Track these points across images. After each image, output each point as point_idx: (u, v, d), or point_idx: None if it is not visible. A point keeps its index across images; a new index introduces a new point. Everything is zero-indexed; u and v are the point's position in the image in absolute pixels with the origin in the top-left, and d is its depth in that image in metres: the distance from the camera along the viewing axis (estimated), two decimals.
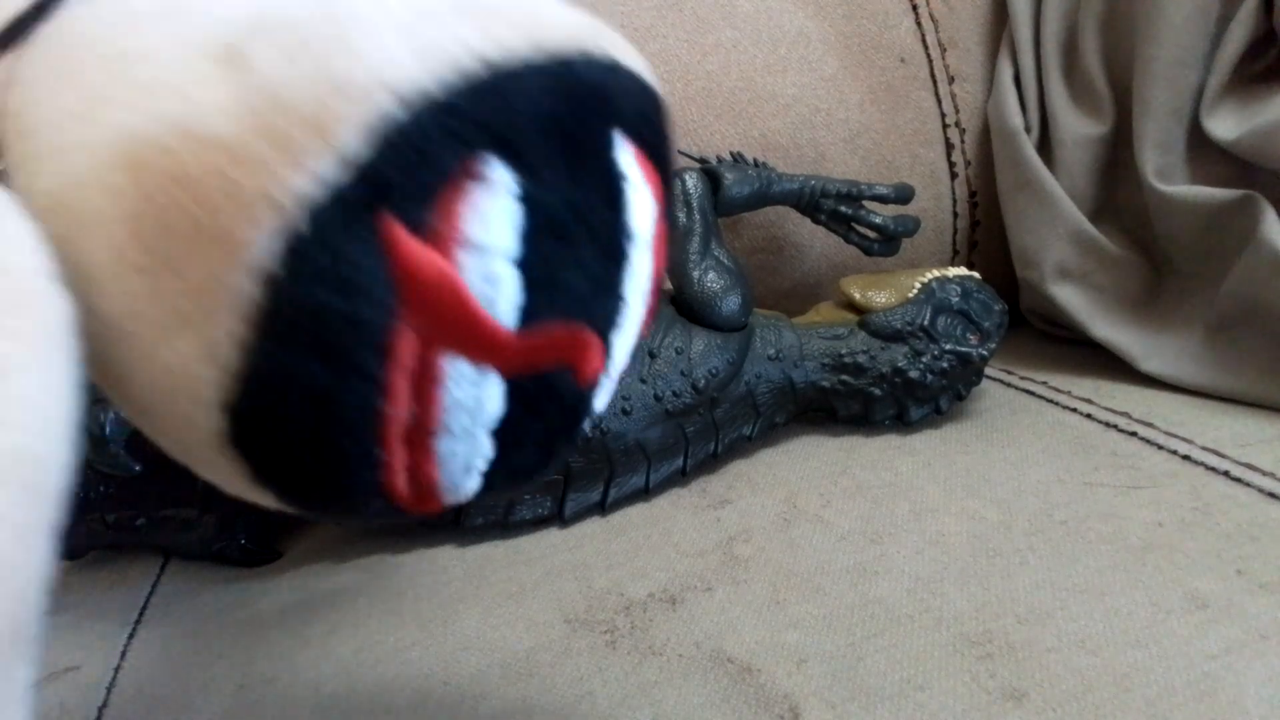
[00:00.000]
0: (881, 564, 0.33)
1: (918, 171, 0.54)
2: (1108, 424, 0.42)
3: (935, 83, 0.55)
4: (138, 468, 0.37)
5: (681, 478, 0.42)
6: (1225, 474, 0.36)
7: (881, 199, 0.48)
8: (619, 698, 0.28)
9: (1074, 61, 0.52)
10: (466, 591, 0.36)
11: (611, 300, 0.17)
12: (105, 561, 0.42)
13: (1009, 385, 0.49)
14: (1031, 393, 0.47)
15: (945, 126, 0.55)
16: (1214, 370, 0.43)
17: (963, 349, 0.43)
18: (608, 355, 0.17)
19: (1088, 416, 0.43)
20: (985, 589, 0.31)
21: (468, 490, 0.16)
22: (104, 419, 0.36)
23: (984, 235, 0.57)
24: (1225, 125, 0.45)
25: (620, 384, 0.39)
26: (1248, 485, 0.35)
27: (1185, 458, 0.38)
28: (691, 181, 0.44)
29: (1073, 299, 0.49)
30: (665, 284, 0.44)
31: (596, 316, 0.16)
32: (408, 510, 0.16)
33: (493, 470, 0.16)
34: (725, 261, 0.43)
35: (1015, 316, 0.49)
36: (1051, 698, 0.26)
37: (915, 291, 0.44)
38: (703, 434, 0.42)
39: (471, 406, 0.15)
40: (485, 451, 0.16)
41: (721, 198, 0.45)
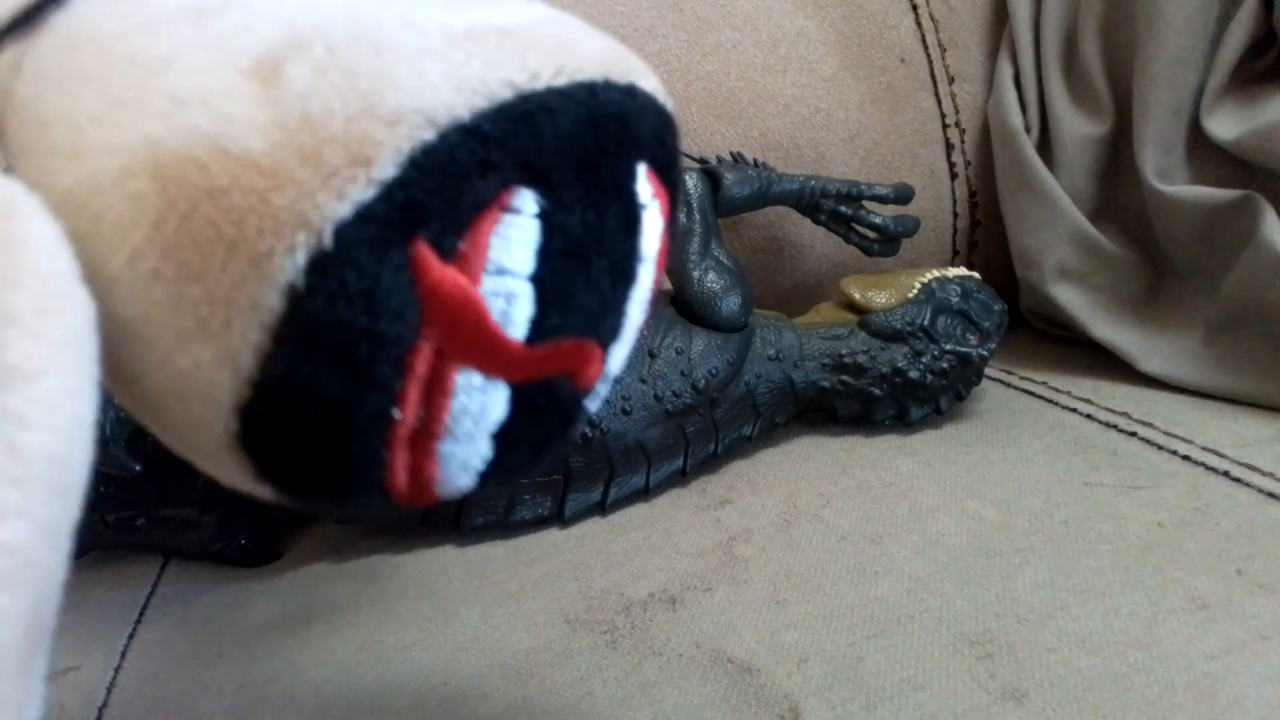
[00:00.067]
0: (882, 564, 0.33)
1: (918, 172, 0.54)
2: (1108, 424, 0.42)
3: (935, 83, 0.55)
4: (138, 468, 0.37)
5: (681, 478, 0.42)
6: (1225, 474, 0.36)
7: (881, 199, 0.48)
8: (619, 698, 0.28)
9: (1074, 62, 0.52)
10: (466, 592, 0.36)
11: (616, 315, 0.17)
12: (105, 561, 0.42)
13: (1009, 385, 0.49)
14: (1031, 393, 0.47)
15: (945, 127, 0.55)
16: (1214, 370, 0.43)
17: (963, 349, 0.43)
18: (606, 363, 0.18)
19: (1088, 416, 0.43)
20: (985, 589, 0.31)
21: (463, 487, 0.17)
22: (104, 419, 0.36)
23: (984, 235, 0.57)
24: (1225, 125, 0.45)
25: (620, 384, 0.40)
26: (1248, 485, 0.35)
27: (1185, 458, 0.38)
28: (691, 182, 0.44)
29: (1073, 299, 0.49)
30: (665, 284, 0.44)
31: (601, 330, 0.17)
32: (401, 503, 0.16)
33: (489, 469, 0.17)
34: (725, 262, 0.43)
35: (1015, 317, 0.49)
36: (1051, 698, 0.26)
37: (915, 292, 0.44)
38: (703, 434, 0.42)
39: (477, 413, 0.15)
40: (485, 453, 0.16)
41: (721, 198, 0.45)
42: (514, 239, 0.15)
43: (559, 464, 0.39)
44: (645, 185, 0.17)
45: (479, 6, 0.15)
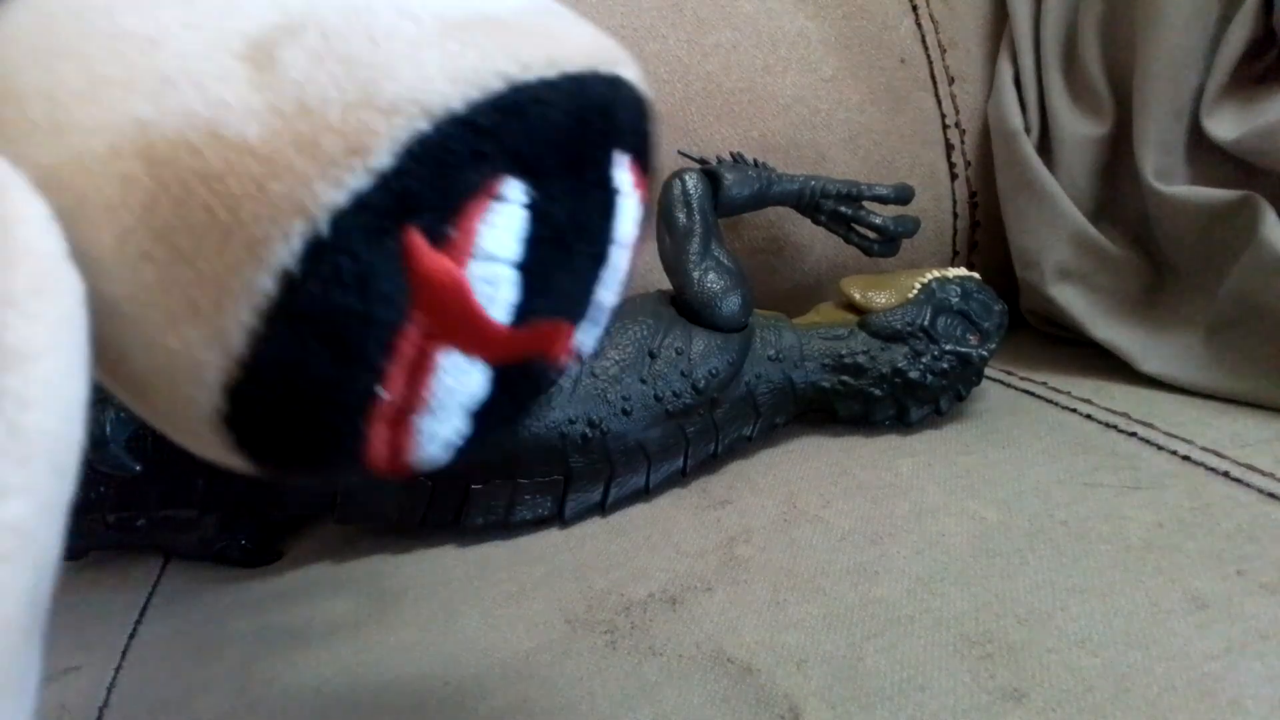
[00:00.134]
0: (882, 564, 0.33)
1: (918, 172, 0.54)
2: (1108, 424, 0.42)
3: (935, 84, 0.55)
4: (138, 468, 0.37)
5: (682, 478, 0.42)
6: (1225, 474, 0.36)
7: (881, 199, 0.48)
8: (619, 698, 0.28)
9: (1074, 62, 0.52)
10: (467, 592, 0.36)
11: (590, 297, 0.18)
12: (105, 562, 0.42)
13: (1009, 386, 0.49)
14: (1032, 393, 0.47)
15: (945, 127, 0.55)
16: (1214, 371, 0.43)
17: (963, 349, 0.43)
18: (577, 342, 0.18)
19: (1088, 417, 0.43)
20: (985, 589, 0.31)
21: (436, 458, 0.17)
22: (104, 420, 0.36)
23: (984, 236, 0.57)
24: (1225, 126, 0.45)
25: (621, 384, 0.40)
26: (1248, 486, 0.35)
27: (1185, 458, 0.38)
28: (692, 182, 0.44)
29: (1073, 299, 0.49)
30: (666, 284, 0.45)
31: (576, 312, 0.18)
32: (375, 474, 0.16)
33: (461, 442, 0.17)
34: (725, 262, 0.43)
35: (1015, 317, 0.49)
36: (1051, 698, 0.26)
37: (915, 292, 0.44)
38: (703, 434, 0.42)
39: (457, 391, 0.16)
40: (460, 428, 0.17)
41: (722, 198, 0.45)
42: (501, 227, 0.15)
43: (559, 464, 0.39)
44: (626, 174, 0.17)
45: None
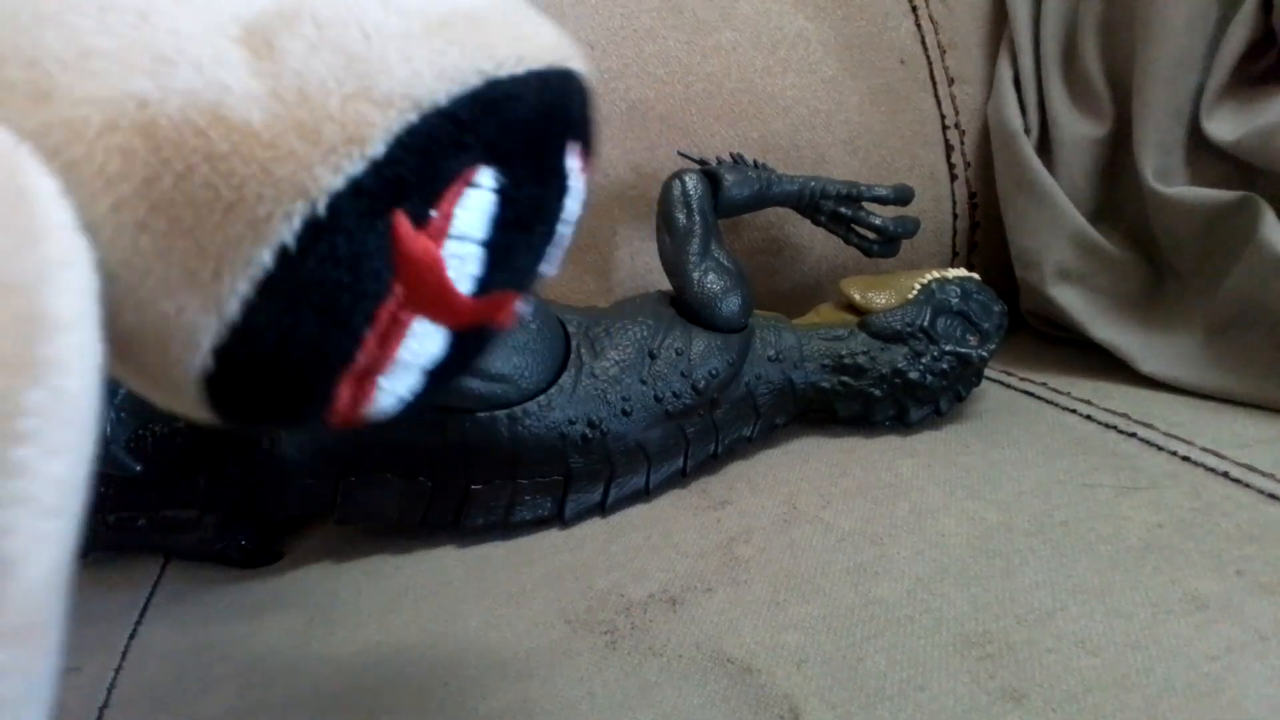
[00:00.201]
0: (882, 565, 0.33)
1: (917, 173, 0.54)
2: (1107, 425, 0.42)
3: (935, 84, 0.55)
4: (138, 468, 0.37)
5: (681, 478, 0.42)
6: (1225, 475, 0.36)
7: (881, 200, 0.48)
8: (619, 698, 0.28)
9: (1074, 63, 0.52)
10: (467, 592, 0.36)
11: (538, 269, 0.20)
12: (106, 562, 0.42)
13: (1009, 386, 0.49)
14: (1031, 394, 0.47)
15: (945, 128, 0.55)
16: (1214, 371, 0.43)
17: (962, 350, 0.43)
18: (519, 308, 0.20)
19: (1087, 418, 0.43)
20: (985, 590, 0.31)
21: (387, 411, 0.19)
22: (105, 420, 0.36)
23: (984, 237, 0.57)
24: (1225, 127, 0.45)
25: (621, 385, 0.40)
26: (1247, 486, 0.35)
27: (1185, 459, 0.38)
28: (691, 183, 0.44)
29: (1072, 300, 0.49)
30: (666, 284, 0.45)
31: (526, 283, 0.20)
32: (331, 425, 0.18)
33: (411, 397, 0.19)
34: (725, 263, 0.43)
35: (1015, 318, 0.49)
36: (1051, 698, 0.26)
37: (915, 293, 0.44)
38: (703, 435, 0.42)
39: (420, 353, 0.18)
40: (414, 385, 0.18)
41: (721, 199, 0.45)
42: (473, 209, 0.17)
43: (559, 465, 0.39)
44: (575, 159, 0.19)
45: None
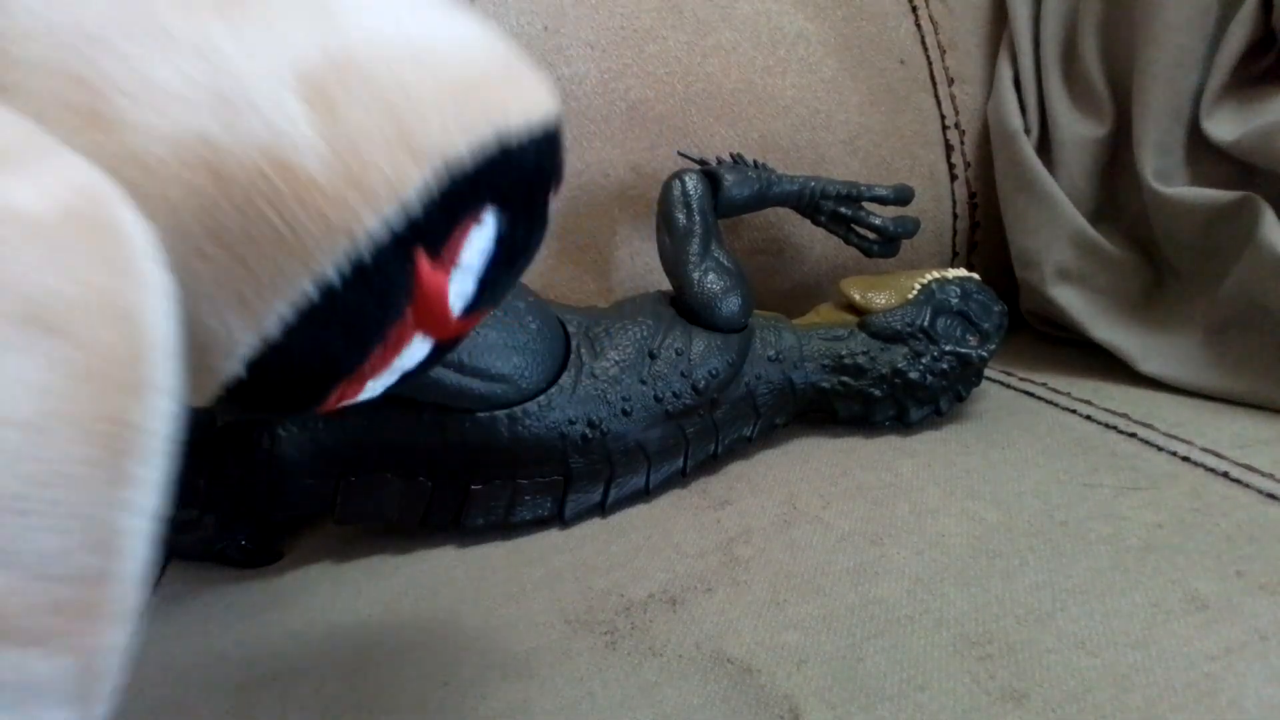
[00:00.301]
0: (881, 565, 0.33)
1: (917, 173, 0.54)
2: (1107, 425, 0.42)
3: (935, 84, 0.55)
4: None
5: (681, 479, 0.42)
6: (1225, 475, 0.36)
7: (881, 200, 0.48)
8: (619, 698, 0.28)
9: (1074, 63, 0.52)
10: (467, 592, 0.36)
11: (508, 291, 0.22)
12: None
13: (1009, 386, 0.49)
14: (1031, 394, 0.47)
15: (945, 128, 0.55)
16: (1213, 371, 0.43)
17: (962, 350, 0.43)
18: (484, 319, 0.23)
19: (1087, 418, 0.43)
20: (985, 590, 0.31)
21: (363, 401, 0.21)
22: None
23: (984, 237, 0.57)
24: (1225, 127, 0.45)
25: (621, 385, 0.40)
26: (1247, 486, 0.35)
27: (1185, 459, 0.38)
28: (691, 183, 0.44)
29: (1072, 300, 0.49)
30: (666, 285, 0.45)
31: (498, 302, 0.22)
32: (316, 413, 0.20)
33: (384, 391, 0.21)
34: (725, 263, 0.43)
35: (1015, 318, 0.49)
36: (1051, 698, 0.26)
37: (915, 293, 0.44)
38: (703, 435, 0.42)
39: (409, 360, 0.20)
40: (392, 383, 0.21)
41: (721, 199, 0.45)
42: (476, 246, 0.19)
43: (559, 465, 0.39)
44: (552, 195, 0.21)
45: (441, 29, 0.18)
